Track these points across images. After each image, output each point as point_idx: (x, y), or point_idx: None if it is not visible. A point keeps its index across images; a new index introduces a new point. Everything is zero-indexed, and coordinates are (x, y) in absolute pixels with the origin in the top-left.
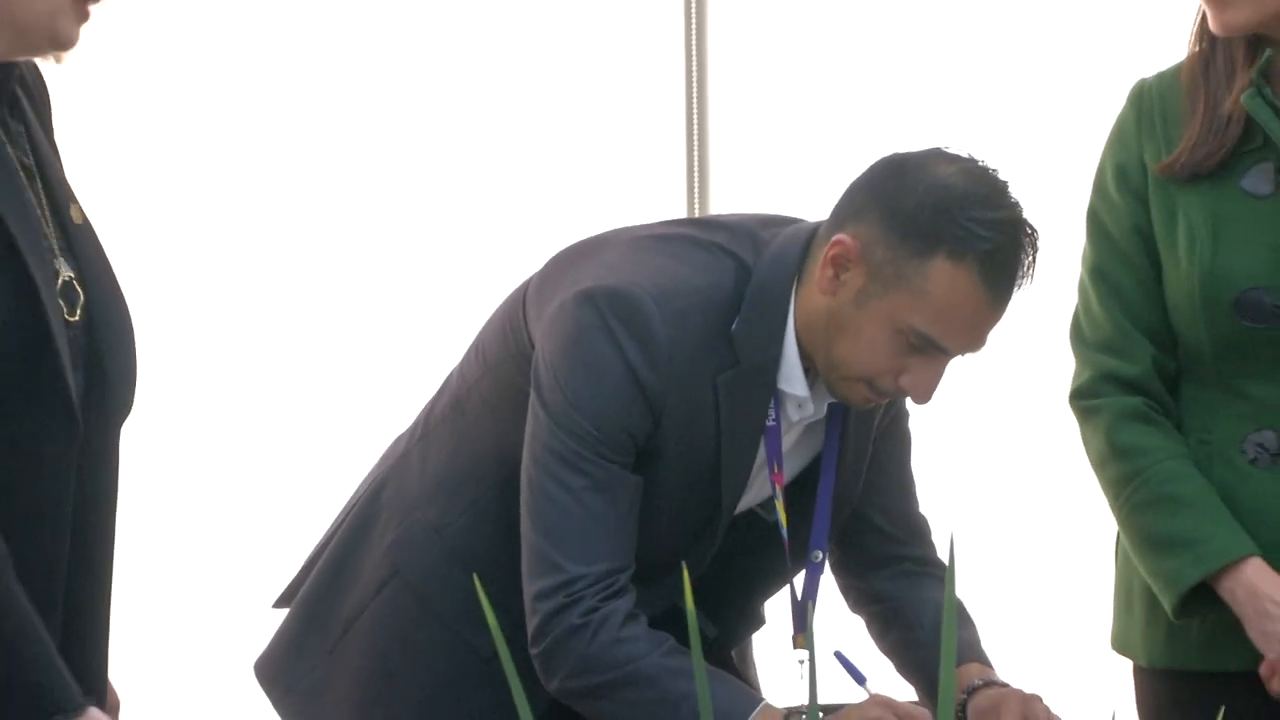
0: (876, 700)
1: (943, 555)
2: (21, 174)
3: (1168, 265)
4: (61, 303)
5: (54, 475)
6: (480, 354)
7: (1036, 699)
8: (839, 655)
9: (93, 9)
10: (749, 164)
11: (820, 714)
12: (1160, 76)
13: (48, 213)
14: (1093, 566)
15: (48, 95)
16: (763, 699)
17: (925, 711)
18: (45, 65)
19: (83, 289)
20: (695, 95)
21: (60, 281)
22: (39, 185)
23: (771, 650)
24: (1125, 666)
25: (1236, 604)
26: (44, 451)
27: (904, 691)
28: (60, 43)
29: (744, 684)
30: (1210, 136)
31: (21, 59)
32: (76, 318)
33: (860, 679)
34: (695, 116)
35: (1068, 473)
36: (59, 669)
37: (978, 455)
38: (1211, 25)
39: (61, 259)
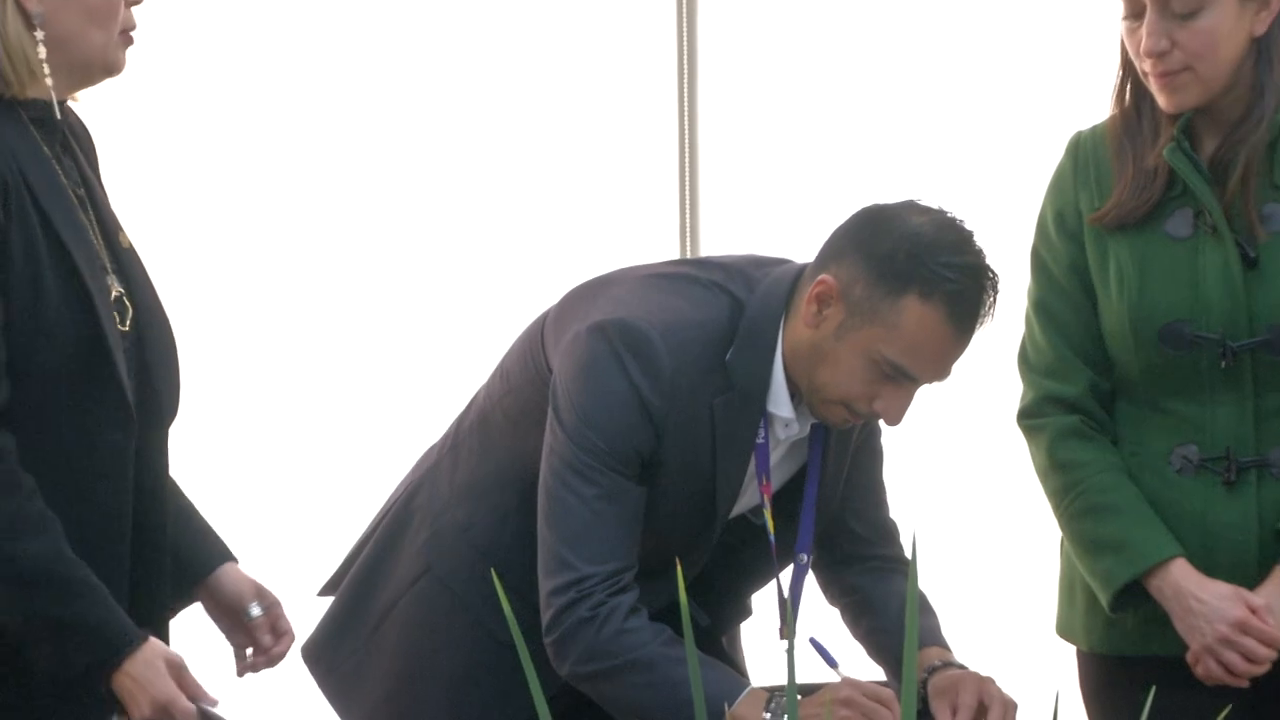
0: (846, 681)
1: (909, 554)
2: (73, 200)
3: (1102, 300)
4: (115, 309)
5: (115, 463)
6: (504, 376)
7: (989, 680)
8: (813, 642)
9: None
10: (738, 191)
11: (799, 695)
12: (1094, 130)
13: (99, 238)
14: (1039, 563)
15: (91, 138)
16: (749, 683)
17: (888, 691)
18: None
19: (131, 304)
20: (687, 125)
21: (112, 296)
22: (90, 214)
23: (758, 637)
24: (1069, 651)
25: (1164, 600)
26: (105, 441)
27: (875, 673)
28: (113, 71)
29: (733, 669)
30: (1137, 192)
31: (79, 92)
32: (126, 328)
33: (833, 663)
34: (687, 145)
35: (1017, 482)
36: (116, 610)
37: (939, 467)
38: (1164, 106)
39: (113, 277)
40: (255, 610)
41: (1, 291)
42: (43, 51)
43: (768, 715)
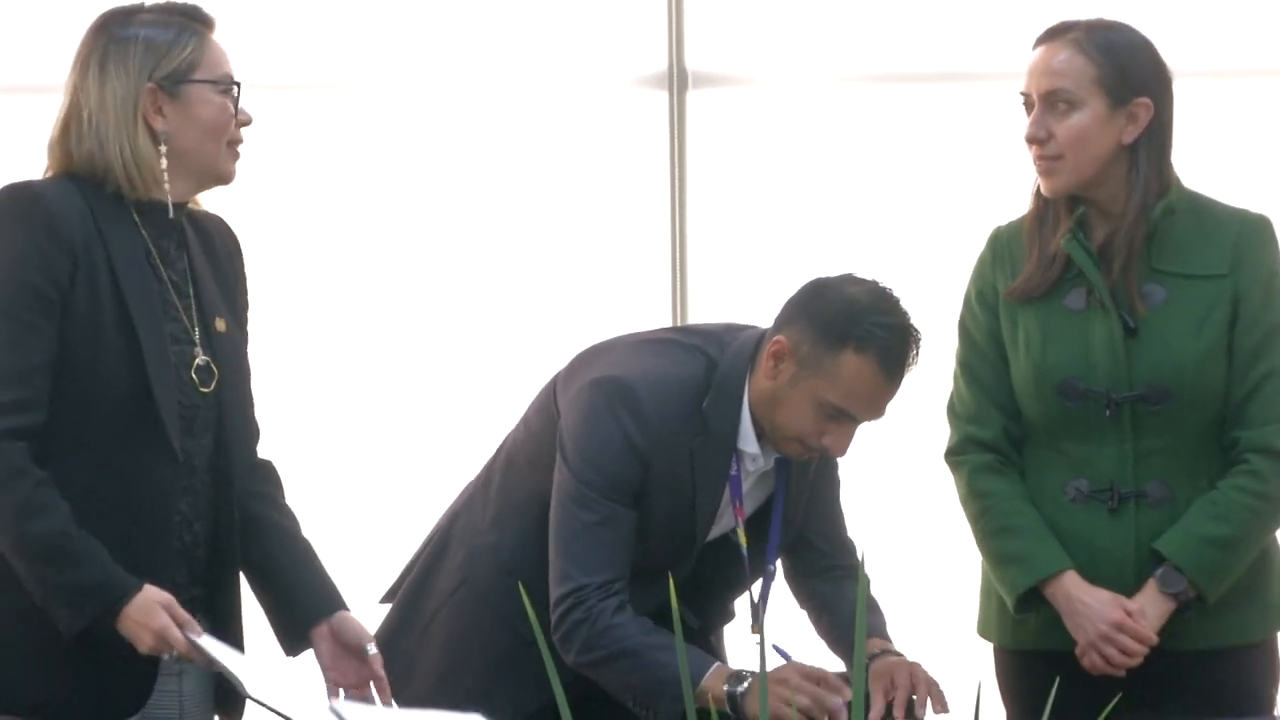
0: (788, 665)
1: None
2: (166, 284)
3: (1012, 361)
4: (195, 378)
5: (161, 493)
6: (525, 424)
7: (917, 664)
8: (776, 648)
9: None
10: (719, 269)
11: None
12: (1010, 225)
13: (189, 316)
14: (963, 574)
15: (235, 241)
16: (716, 661)
17: (821, 670)
18: None
19: (216, 373)
20: (678, 217)
21: (195, 364)
22: (190, 298)
23: (739, 636)
24: (987, 647)
25: (1057, 604)
26: (152, 476)
27: (835, 665)
28: (224, 179)
29: (704, 652)
30: (1042, 271)
31: (197, 195)
32: (210, 389)
33: (788, 659)
34: (677, 233)
35: (945, 507)
36: (114, 569)
37: (885, 495)
38: (1043, 189)
39: (200, 348)
40: (372, 649)
41: (60, 341)
42: (165, 163)
43: (726, 687)
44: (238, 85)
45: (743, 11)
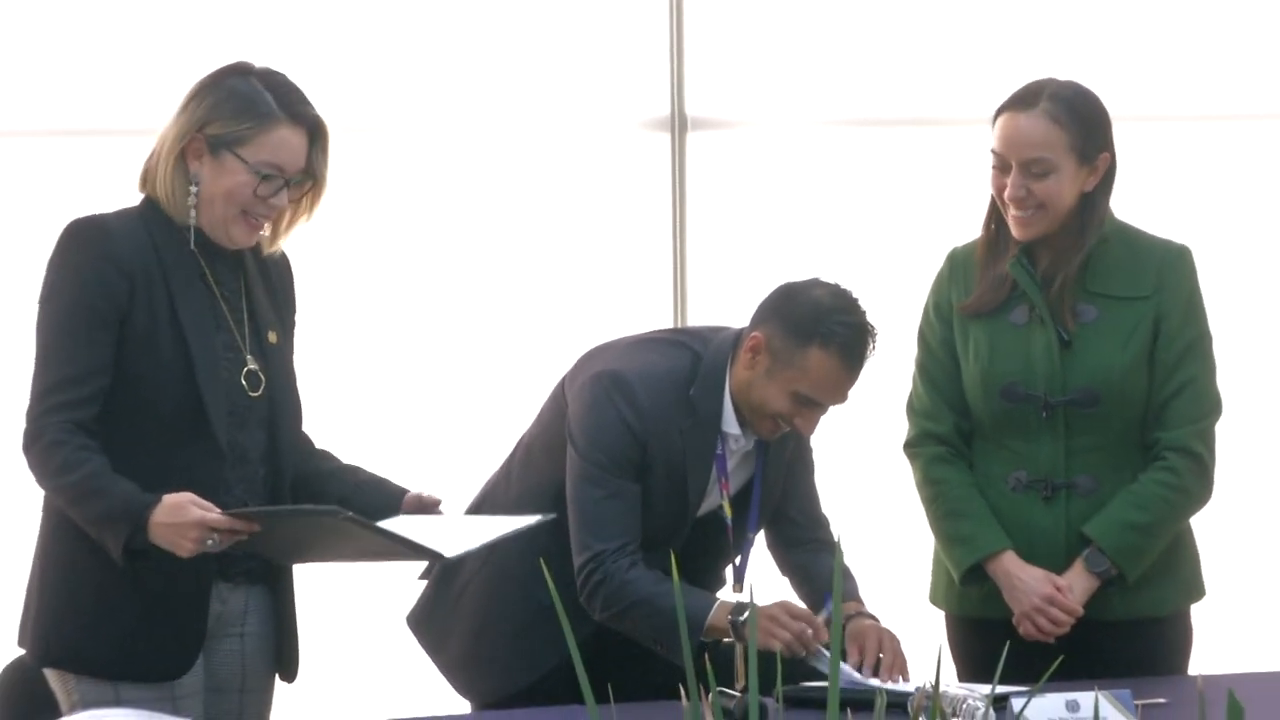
0: (777, 603)
1: (835, 538)
2: (219, 300)
3: (963, 366)
4: (245, 382)
5: (208, 483)
6: (540, 419)
7: (889, 632)
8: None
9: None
10: (716, 274)
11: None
12: (965, 246)
13: (239, 329)
14: (918, 550)
15: (288, 268)
16: (719, 599)
17: (805, 609)
18: None
19: (265, 378)
20: (678, 240)
21: (245, 370)
22: (243, 314)
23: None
24: (938, 613)
25: (997, 579)
26: (200, 468)
27: None
28: (230, 242)
29: (707, 593)
30: (991, 291)
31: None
32: (259, 394)
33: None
34: (679, 251)
35: (904, 492)
36: (135, 493)
37: (853, 481)
38: (1017, 235)
39: (250, 356)
40: (442, 506)
41: (121, 351)
42: (193, 200)
43: (730, 617)
44: (279, 178)
45: (735, 65)
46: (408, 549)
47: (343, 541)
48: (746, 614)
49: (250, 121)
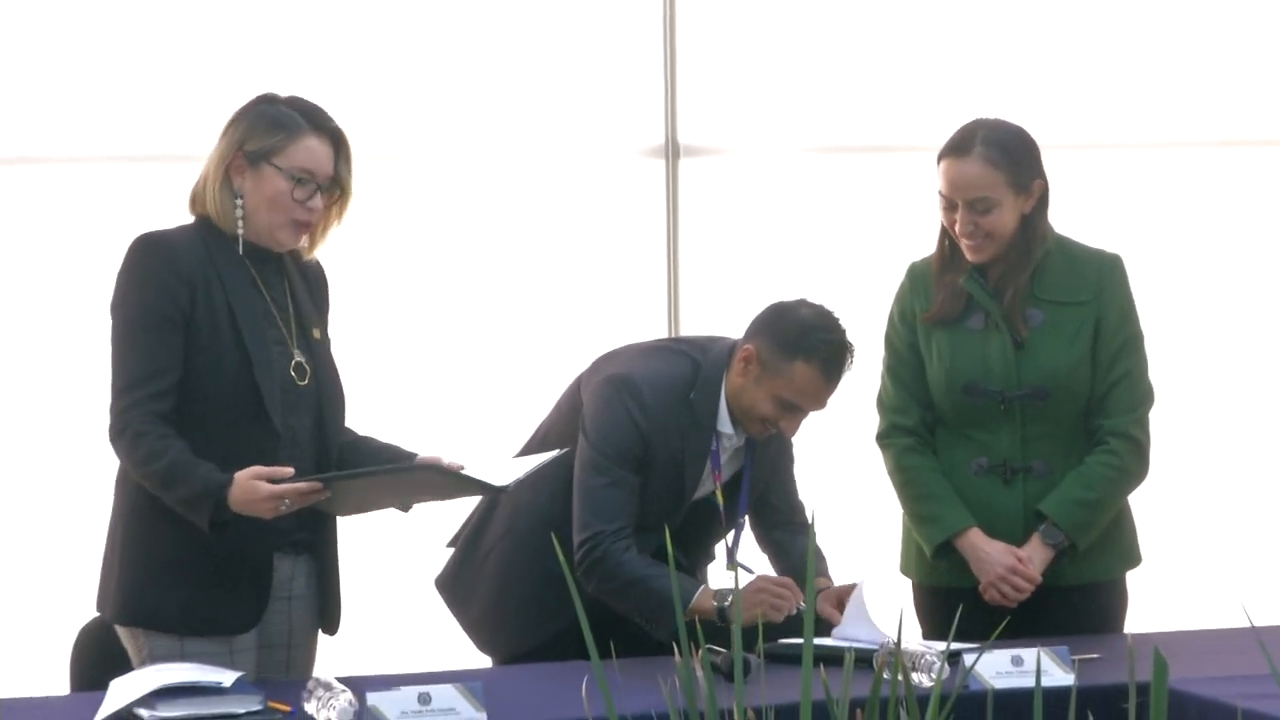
0: (760, 577)
1: (809, 520)
2: (269, 302)
3: (928, 367)
4: (293, 373)
5: (266, 459)
6: (558, 411)
7: (841, 587)
8: (741, 565)
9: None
10: (709, 291)
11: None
12: (923, 260)
13: (288, 327)
14: (890, 527)
15: (324, 279)
16: (703, 584)
17: (789, 580)
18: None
19: (311, 369)
20: (672, 261)
21: (294, 362)
22: (290, 314)
23: (716, 572)
24: (907, 583)
25: (964, 553)
26: (257, 448)
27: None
28: (278, 245)
29: (694, 578)
30: (950, 303)
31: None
32: (306, 383)
33: (751, 573)
34: (673, 268)
35: (877, 479)
36: (213, 474)
37: (831, 469)
38: (970, 259)
39: (298, 350)
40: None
41: (186, 349)
42: (239, 212)
43: (715, 601)
44: (312, 182)
45: (724, 98)
46: (468, 485)
47: (405, 488)
48: (731, 598)
49: (281, 134)
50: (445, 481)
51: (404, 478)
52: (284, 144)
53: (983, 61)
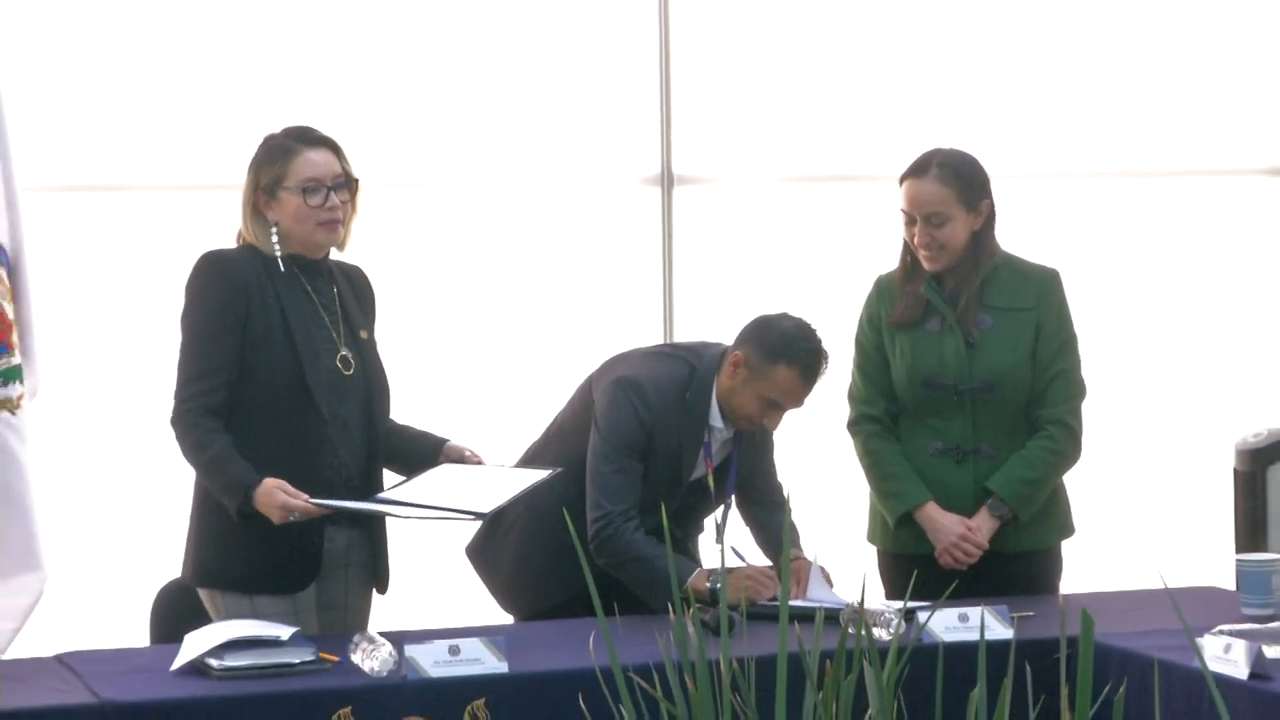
0: (745, 566)
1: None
2: (318, 307)
3: (892, 364)
4: (339, 366)
5: (314, 448)
6: (571, 405)
7: (808, 562)
8: (734, 550)
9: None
10: (702, 293)
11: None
12: (888, 273)
13: (337, 328)
14: (859, 503)
15: (369, 286)
16: (699, 566)
17: (771, 571)
18: None
19: (357, 363)
20: (667, 266)
21: (339, 355)
22: (338, 316)
23: (706, 545)
24: (872, 550)
25: (922, 524)
26: (307, 436)
27: (765, 561)
28: (317, 250)
29: (690, 559)
30: (910, 308)
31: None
32: (351, 373)
33: (741, 558)
34: (668, 287)
35: (847, 462)
36: (246, 471)
37: (807, 454)
38: (926, 266)
39: (344, 348)
40: (467, 454)
41: (244, 349)
42: (275, 238)
43: (708, 582)
44: (320, 187)
45: (715, 131)
46: (448, 514)
47: (390, 516)
48: (718, 579)
49: (281, 160)
50: (433, 512)
51: (376, 514)
52: (285, 167)
53: (942, 103)
